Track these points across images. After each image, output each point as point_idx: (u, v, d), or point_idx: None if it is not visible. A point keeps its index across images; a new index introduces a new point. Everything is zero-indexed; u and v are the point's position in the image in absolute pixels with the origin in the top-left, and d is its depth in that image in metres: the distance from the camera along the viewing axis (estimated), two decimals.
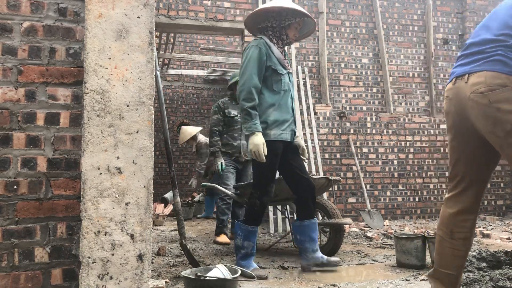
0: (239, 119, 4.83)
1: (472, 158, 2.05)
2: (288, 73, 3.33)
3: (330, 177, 3.90)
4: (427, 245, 3.38)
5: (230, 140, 4.89)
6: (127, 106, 1.90)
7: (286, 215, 4.65)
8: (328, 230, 4.00)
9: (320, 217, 4.21)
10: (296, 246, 4.24)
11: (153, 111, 1.94)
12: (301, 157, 3.41)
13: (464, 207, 2.07)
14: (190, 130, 7.29)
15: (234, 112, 4.90)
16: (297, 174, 3.31)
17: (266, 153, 3.05)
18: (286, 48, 4.35)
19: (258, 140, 3.01)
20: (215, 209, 7.51)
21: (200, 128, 7.46)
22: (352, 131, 6.55)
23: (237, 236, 3.26)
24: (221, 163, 4.73)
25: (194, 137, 7.28)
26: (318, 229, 3.74)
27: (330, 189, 4.89)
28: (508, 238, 4.66)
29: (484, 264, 2.89)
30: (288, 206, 4.51)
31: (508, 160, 1.89)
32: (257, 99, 3.12)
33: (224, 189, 4.19)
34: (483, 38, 1.97)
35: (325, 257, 3.30)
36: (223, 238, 4.64)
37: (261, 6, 3.28)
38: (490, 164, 2.07)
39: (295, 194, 3.37)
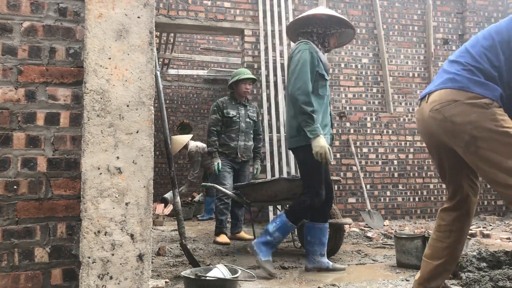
0: (237, 120, 4.85)
1: (445, 171, 2.20)
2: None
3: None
4: (427, 245, 3.38)
5: (228, 141, 4.85)
6: (127, 106, 1.90)
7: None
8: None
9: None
10: (296, 246, 4.24)
11: (153, 111, 1.95)
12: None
13: (461, 214, 2.18)
14: (180, 140, 7.34)
15: (232, 113, 4.86)
16: (326, 178, 3.35)
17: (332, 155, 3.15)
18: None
19: (324, 143, 3.07)
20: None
21: (190, 136, 7.50)
22: (352, 131, 6.55)
23: (273, 222, 3.24)
24: (218, 163, 4.72)
25: (185, 146, 7.30)
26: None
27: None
28: (508, 238, 4.66)
29: (484, 264, 2.89)
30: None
31: (473, 167, 2.00)
32: None
33: (224, 189, 4.18)
34: (451, 60, 2.11)
35: (331, 263, 3.32)
36: (223, 238, 4.62)
37: (308, 12, 3.34)
38: (463, 170, 2.17)
39: None
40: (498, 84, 1.93)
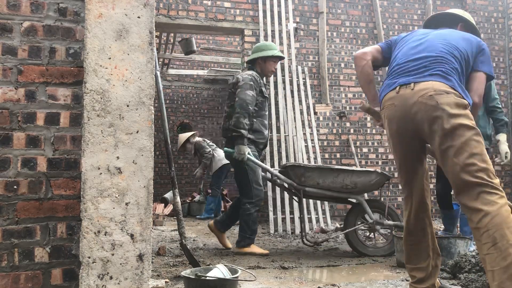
0: (267, 103, 4.12)
1: (411, 161, 2.33)
2: None
3: (382, 172, 3.77)
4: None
5: (261, 128, 3.97)
6: (127, 106, 1.90)
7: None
8: (387, 231, 3.96)
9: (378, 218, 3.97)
10: (306, 243, 4.07)
11: (153, 111, 1.95)
12: None
13: (415, 208, 2.32)
14: (183, 136, 7.40)
15: (267, 93, 4.03)
16: None
17: None
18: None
19: None
20: (222, 209, 7.56)
21: (194, 132, 7.52)
22: (352, 131, 6.55)
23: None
24: (249, 152, 3.77)
25: (189, 140, 7.31)
26: (376, 229, 3.80)
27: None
28: None
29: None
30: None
31: (441, 155, 2.13)
32: None
33: (272, 170, 3.81)
34: (420, 57, 2.29)
35: None
36: (258, 249, 3.89)
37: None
38: (420, 167, 2.34)
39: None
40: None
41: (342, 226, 5.49)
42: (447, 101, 2.10)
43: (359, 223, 3.86)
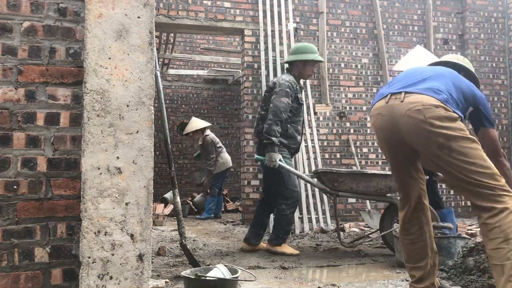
0: (303, 108, 4.09)
1: (402, 167, 2.33)
2: None
3: None
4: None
5: (295, 134, 3.99)
6: (127, 106, 1.90)
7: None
8: None
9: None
10: (344, 245, 3.98)
11: (153, 111, 1.95)
12: None
13: (411, 208, 2.32)
14: (198, 122, 7.23)
15: (303, 99, 4.04)
16: None
17: None
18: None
19: None
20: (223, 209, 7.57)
21: (209, 124, 7.39)
22: (352, 131, 6.55)
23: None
24: (280, 159, 3.79)
25: (203, 131, 7.22)
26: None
27: None
28: None
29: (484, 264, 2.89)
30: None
31: (440, 166, 2.15)
32: None
33: (305, 176, 3.79)
34: (420, 72, 2.32)
35: None
36: (290, 249, 3.90)
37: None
38: (413, 170, 2.35)
39: None
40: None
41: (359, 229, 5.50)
42: (436, 115, 2.10)
43: (396, 223, 3.82)
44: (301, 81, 4.16)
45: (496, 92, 7.16)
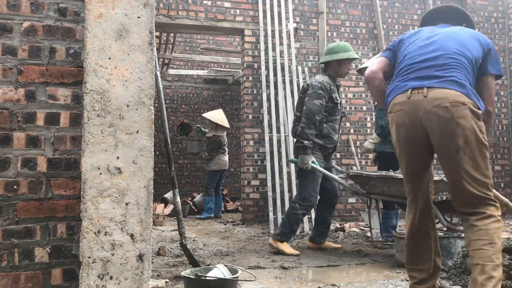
0: (339, 107, 4.10)
1: (418, 167, 2.27)
2: None
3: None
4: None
5: (331, 133, 4.01)
6: (127, 106, 1.90)
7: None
8: None
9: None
10: (376, 246, 4.05)
11: (153, 111, 1.95)
12: None
13: (420, 211, 2.28)
14: (223, 120, 7.21)
15: (339, 98, 4.05)
16: None
17: None
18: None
19: None
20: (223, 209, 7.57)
21: (228, 127, 7.32)
22: (352, 131, 6.55)
23: None
24: (314, 161, 3.84)
25: (222, 127, 7.21)
26: (457, 230, 3.66)
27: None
28: (508, 238, 4.65)
29: None
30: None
31: (448, 170, 2.14)
32: None
33: (339, 179, 3.78)
34: (432, 57, 2.20)
35: None
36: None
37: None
38: (427, 172, 2.30)
39: None
40: None
41: (342, 226, 5.49)
42: (463, 114, 2.04)
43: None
44: (337, 80, 4.22)
45: (496, 92, 7.15)
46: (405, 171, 2.31)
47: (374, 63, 2.47)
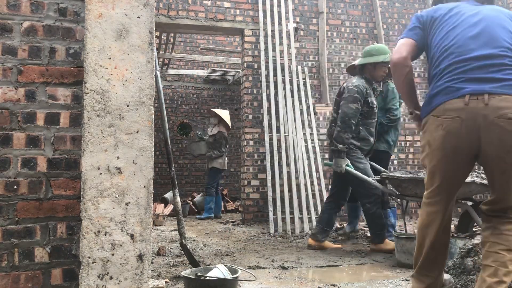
0: (376, 110, 4.08)
1: (458, 179, 2.09)
2: None
3: (481, 182, 3.26)
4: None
5: (368, 136, 4.04)
6: (127, 106, 1.90)
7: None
8: None
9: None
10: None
11: (153, 111, 1.95)
12: None
13: (445, 221, 2.12)
14: (227, 118, 7.34)
15: (374, 102, 4.03)
16: None
17: None
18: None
19: None
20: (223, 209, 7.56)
21: (229, 128, 7.45)
22: None
23: None
24: (348, 164, 3.88)
25: (224, 123, 7.28)
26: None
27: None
28: None
29: None
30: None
31: (500, 182, 2.00)
32: None
33: (372, 181, 3.75)
34: (487, 54, 1.96)
35: None
36: (390, 245, 3.89)
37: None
38: (463, 183, 2.16)
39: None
40: None
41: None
42: None
43: (475, 227, 3.69)
44: (375, 83, 4.20)
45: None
46: (439, 181, 2.07)
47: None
